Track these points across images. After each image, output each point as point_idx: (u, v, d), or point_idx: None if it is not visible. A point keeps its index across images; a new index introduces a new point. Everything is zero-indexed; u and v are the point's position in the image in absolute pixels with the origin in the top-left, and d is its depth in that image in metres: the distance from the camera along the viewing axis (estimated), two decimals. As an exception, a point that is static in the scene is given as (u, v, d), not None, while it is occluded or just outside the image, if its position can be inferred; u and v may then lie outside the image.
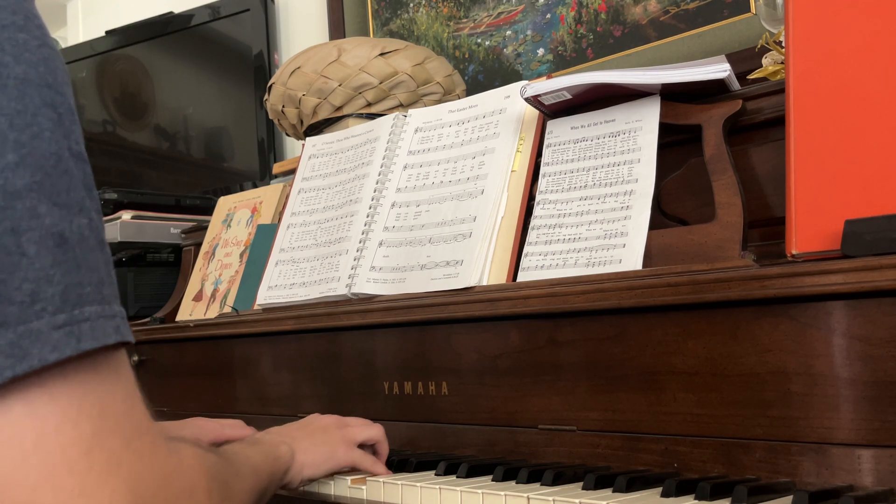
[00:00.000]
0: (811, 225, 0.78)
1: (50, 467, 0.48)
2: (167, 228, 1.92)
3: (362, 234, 1.22)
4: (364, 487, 0.92)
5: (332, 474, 0.95)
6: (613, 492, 0.76)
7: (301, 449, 0.91)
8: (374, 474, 0.95)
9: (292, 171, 1.59)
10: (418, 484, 0.86)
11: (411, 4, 2.10)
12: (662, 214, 0.99)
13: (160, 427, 0.57)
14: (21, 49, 0.53)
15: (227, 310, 1.46)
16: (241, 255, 1.55)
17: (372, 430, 0.99)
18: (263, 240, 1.47)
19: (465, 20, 2.00)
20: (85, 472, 0.49)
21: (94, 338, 0.50)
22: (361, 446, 0.98)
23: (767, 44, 1.14)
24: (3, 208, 0.49)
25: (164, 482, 0.55)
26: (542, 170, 1.07)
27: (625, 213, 0.95)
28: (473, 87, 1.91)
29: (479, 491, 0.79)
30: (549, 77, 1.08)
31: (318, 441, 0.94)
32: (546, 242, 1.01)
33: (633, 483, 0.77)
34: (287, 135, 1.73)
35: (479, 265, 1.05)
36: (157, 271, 1.88)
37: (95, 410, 0.51)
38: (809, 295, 0.74)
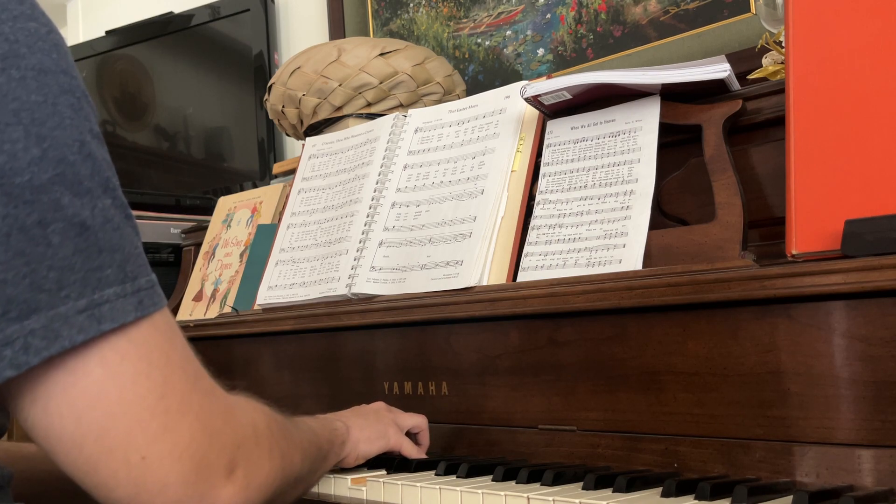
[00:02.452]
0: (811, 225, 0.78)
1: (135, 414, 0.57)
2: (167, 228, 1.92)
3: (362, 234, 1.22)
4: (364, 488, 0.92)
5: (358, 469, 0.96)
6: (613, 492, 0.76)
7: (355, 426, 0.94)
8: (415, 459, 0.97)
9: (292, 171, 1.59)
10: (418, 484, 0.86)
11: (411, 4, 2.10)
12: (662, 214, 0.99)
13: None
14: (34, 38, 0.56)
15: (227, 310, 1.46)
16: (241, 255, 1.55)
17: (417, 419, 1.02)
18: (263, 240, 1.47)
19: (465, 20, 2.00)
20: (163, 413, 0.57)
21: (113, 319, 0.56)
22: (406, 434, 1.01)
23: (767, 44, 1.14)
24: (31, 202, 0.53)
25: (230, 415, 0.63)
26: (542, 170, 1.07)
27: (625, 213, 0.95)
28: (473, 87, 1.91)
29: (479, 491, 0.79)
30: (549, 77, 1.08)
31: (371, 420, 0.97)
32: (546, 242, 1.01)
33: (633, 483, 0.77)
34: (287, 135, 1.73)
35: (479, 265, 1.05)
36: (156, 271, 1.86)
37: (162, 361, 0.58)
38: (809, 295, 0.74)
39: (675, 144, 1.00)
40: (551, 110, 1.09)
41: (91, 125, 0.58)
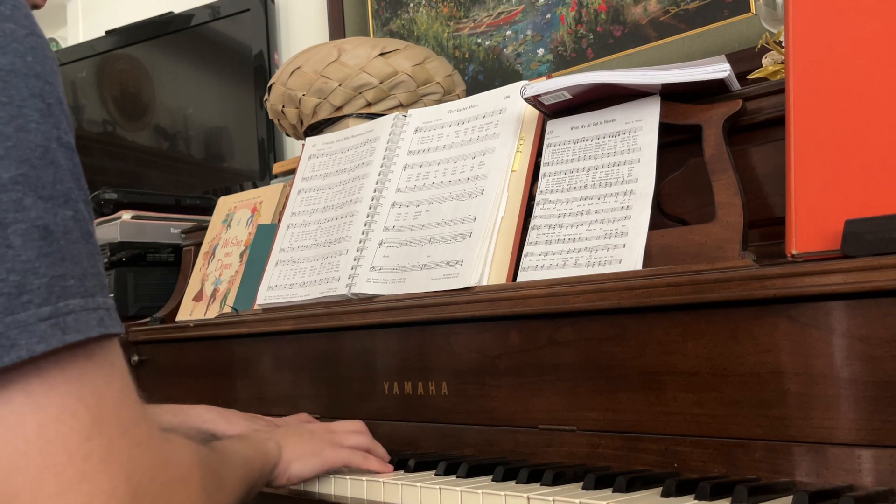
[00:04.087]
0: (811, 225, 0.78)
1: (51, 455, 0.50)
2: (167, 228, 1.92)
3: (362, 234, 1.22)
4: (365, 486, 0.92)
5: (324, 474, 0.95)
6: (613, 492, 0.76)
7: (289, 445, 0.92)
8: (367, 470, 0.95)
9: (292, 171, 1.59)
10: (418, 484, 0.86)
11: (411, 4, 2.10)
12: (662, 214, 0.99)
13: (154, 416, 0.59)
14: (8, 39, 0.53)
15: (227, 310, 1.46)
16: (241, 255, 1.55)
17: (359, 438, 0.99)
18: (263, 240, 1.47)
19: (465, 20, 2.00)
20: (84, 459, 0.51)
21: (79, 330, 0.51)
22: None
23: (767, 44, 1.14)
24: None
25: (160, 469, 0.56)
26: (542, 170, 1.07)
27: (625, 213, 0.95)
28: (473, 87, 1.91)
29: (479, 491, 0.79)
30: (549, 77, 1.08)
31: (306, 440, 0.95)
32: (546, 242, 1.01)
33: (633, 483, 0.77)
34: (287, 135, 1.73)
35: (479, 265, 1.05)
36: (157, 271, 1.88)
37: (93, 399, 0.52)
38: (809, 295, 0.74)
39: (675, 144, 1.00)
40: (551, 110, 1.09)
41: (59, 133, 0.54)
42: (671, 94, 0.99)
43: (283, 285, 1.31)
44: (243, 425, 1.07)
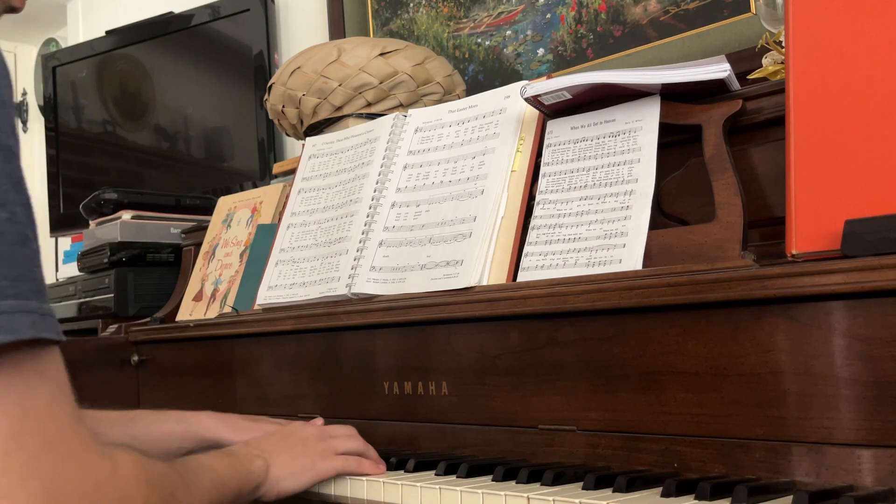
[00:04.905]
0: (811, 225, 0.78)
1: None
2: (167, 228, 1.92)
3: (362, 234, 1.22)
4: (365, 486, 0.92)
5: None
6: (613, 492, 0.76)
7: (277, 463, 0.90)
8: (362, 474, 0.94)
9: (292, 171, 1.59)
10: (418, 484, 0.86)
11: (411, 4, 2.10)
12: (662, 214, 0.99)
13: (94, 432, 0.55)
14: None
15: (227, 310, 1.46)
16: (241, 255, 1.55)
17: (352, 443, 0.98)
18: (263, 240, 1.47)
19: (465, 20, 2.00)
20: (2, 473, 0.48)
21: (10, 331, 0.49)
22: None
23: (767, 44, 1.14)
24: None
25: (91, 488, 0.53)
26: (542, 170, 1.07)
27: (625, 213, 0.95)
28: (473, 87, 1.91)
29: (479, 491, 0.79)
30: (549, 77, 1.08)
31: (297, 453, 0.93)
32: (546, 242, 1.01)
33: (633, 483, 0.77)
34: (287, 135, 1.73)
35: (479, 265, 1.05)
36: (157, 271, 1.88)
37: (15, 411, 0.49)
38: (809, 295, 0.74)
39: (675, 144, 1.00)
40: (551, 110, 1.09)
41: None
42: (671, 94, 0.99)
43: (283, 285, 1.31)
44: (248, 430, 1.05)
